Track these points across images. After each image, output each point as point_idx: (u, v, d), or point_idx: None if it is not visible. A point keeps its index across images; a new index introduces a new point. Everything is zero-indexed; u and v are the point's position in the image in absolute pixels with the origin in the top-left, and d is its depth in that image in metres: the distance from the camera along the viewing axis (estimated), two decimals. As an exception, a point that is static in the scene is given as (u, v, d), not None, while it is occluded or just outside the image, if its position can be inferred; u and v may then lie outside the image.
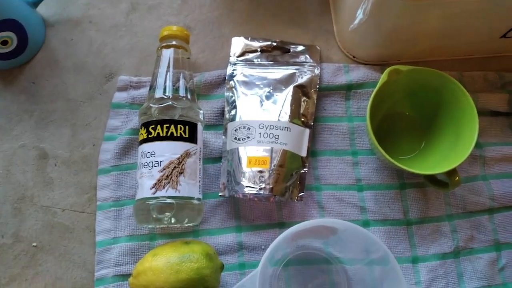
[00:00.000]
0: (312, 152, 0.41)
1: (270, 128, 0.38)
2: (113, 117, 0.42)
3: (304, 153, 0.39)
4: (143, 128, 0.37)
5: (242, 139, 0.39)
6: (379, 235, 0.39)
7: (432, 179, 0.39)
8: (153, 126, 0.37)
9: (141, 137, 0.38)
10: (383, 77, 0.38)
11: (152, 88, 0.39)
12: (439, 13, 0.36)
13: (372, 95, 0.37)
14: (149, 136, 0.37)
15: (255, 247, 0.39)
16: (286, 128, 0.39)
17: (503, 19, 0.38)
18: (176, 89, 0.38)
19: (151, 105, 0.37)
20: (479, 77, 0.44)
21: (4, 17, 0.39)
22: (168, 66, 0.39)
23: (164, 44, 0.40)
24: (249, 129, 0.39)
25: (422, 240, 0.39)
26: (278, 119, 0.39)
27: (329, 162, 0.41)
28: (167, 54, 0.39)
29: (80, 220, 0.40)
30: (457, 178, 0.36)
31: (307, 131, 0.40)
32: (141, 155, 0.37)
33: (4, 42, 0.41)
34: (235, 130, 0.39)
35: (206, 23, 0.46)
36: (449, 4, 0.35)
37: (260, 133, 0.38)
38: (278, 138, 0.38)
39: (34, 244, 0.39)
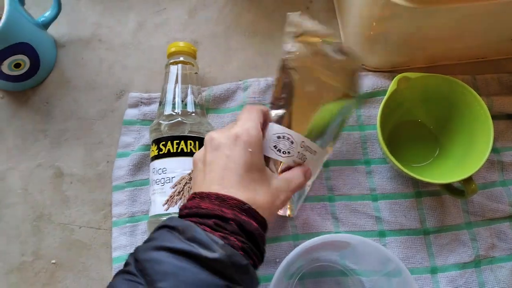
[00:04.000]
0: (324, 162, 0.41)
1: (306, 149, 0.31)
2: (125, 133, 0.43)
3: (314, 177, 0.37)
4: (154, 144, 0.38)
5: (283, 153, 0.31)
6: (396, 245, 0.39)
7: (448, 187, 0.38)
8: (164, 142, 0.37)
9: (152, 154, 0.38)
10: (392, 86, 0.37)
11: (162, 104, 0.39)
12: (447, 17, 0.36)
13: (382, 104, 0.37)
14: (160, 152, 0.37)
15: (269, 260, 0.38)
16: (314, 152, 0.32)
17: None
18: (185, 105, 0.38)
19: (160, 121, 0.38)
20: (493, 80, 0.43)
21: (16, 41, 0.40)
22: (176, 82, 0.39)
23: (171, 61, 0.40)
24: (292, 143, 0.31)
25: (441, 250, 0.39)
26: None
27: (342, 172, 0.41)
28: (175, 70, 0.40)
29: (97, 236, 0.41)
30: (473, 185, 0.35)
31: (327, 154, 0.36)
32: (153, 172, 0.37)
33: (17, 65, 0.42)
34: (278, 138, 0.31)
35: (212, 37, 0.47)
36: (457, 8, 0.34)
37: (298, 151, 0.31)
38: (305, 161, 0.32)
39: (53, 261, 0.40)
